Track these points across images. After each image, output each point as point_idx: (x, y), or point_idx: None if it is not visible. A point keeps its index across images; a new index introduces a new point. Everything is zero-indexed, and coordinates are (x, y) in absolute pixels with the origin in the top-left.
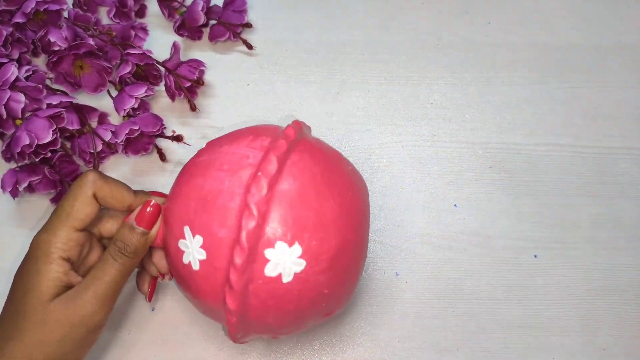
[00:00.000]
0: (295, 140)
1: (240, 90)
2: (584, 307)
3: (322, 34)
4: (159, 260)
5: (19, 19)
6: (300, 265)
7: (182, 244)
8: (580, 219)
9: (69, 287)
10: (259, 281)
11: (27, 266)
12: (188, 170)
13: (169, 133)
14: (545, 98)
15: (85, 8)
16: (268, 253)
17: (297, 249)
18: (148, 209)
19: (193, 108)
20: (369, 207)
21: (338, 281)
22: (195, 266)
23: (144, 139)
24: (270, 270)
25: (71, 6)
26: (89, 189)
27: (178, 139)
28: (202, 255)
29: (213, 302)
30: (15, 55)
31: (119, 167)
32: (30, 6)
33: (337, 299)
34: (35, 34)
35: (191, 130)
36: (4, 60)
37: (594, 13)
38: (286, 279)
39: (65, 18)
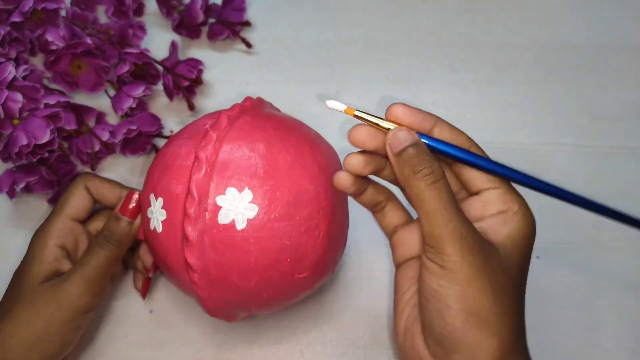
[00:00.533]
0: (250, 107)
1: (239, 90)
2: (586, 308)
3: (322, 33)
4: (144, 254)
5: (16, 18)
6: (252, 210)
7: (149, 212)
8: (583, 220)
9: (61, 274)
10: (214, 230)
11: (26, 255)
12: (160, 150)
13: (167, 133)
14: (547, 97)
15: (83, 7)
16: (219, 200)
17: (248, 194)
18: (132, 200)
19: (191, 107)
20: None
21: (300, 232)
22: (159, 228)
23: (142, 139)
24: (223, 218)
25: (69, 5)
26: (81, 183)
27: None
28: (164, 215)
29: (177, 266)
30: (13, 55)
31: (116, 167)
32: (27, 5)
33: (303, 255)
34: (32, 33)
35: None
36: (2, 59)
37: (597, 12)
38: (240, 225)
39: (63, 17)
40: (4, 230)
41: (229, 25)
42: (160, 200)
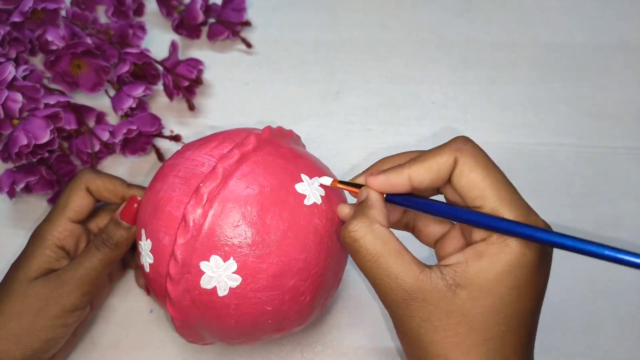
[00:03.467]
0: (253, 150)
1: (239, 90)
2: (586, 309)
3: (322, 33)
4: None
5: (16, 18)
6: (235, 280)
7: (140, 245)
8: (583, 220)
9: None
10: (196, 292)
11: (24, 251)
12: (157, 173)
13: (167, 133)
14: (547, 97)
15: (83, 7)
16: (203, 265)
17: (232, 264)
18: (133, 206)
19: (191, 107)
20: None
21: (283, 300)
22: (147, 269)
23: (142, 139)
24: (205, 283)
25: (69, 5)
26: (82, 183)
27: (176, 138)
28: (151, 259)
29: (162, 305)
30: (13, 55)
31: (116, 167)
32: (27, 5)
33: (287, 317)
34: (32, 33)
35: (189, 130)
36: (2, 59)
37: (597, 12)
38: (221, 292)
39: (63, 17)
40: (4, 230)
41: (229, 25)
42: (149, 242)
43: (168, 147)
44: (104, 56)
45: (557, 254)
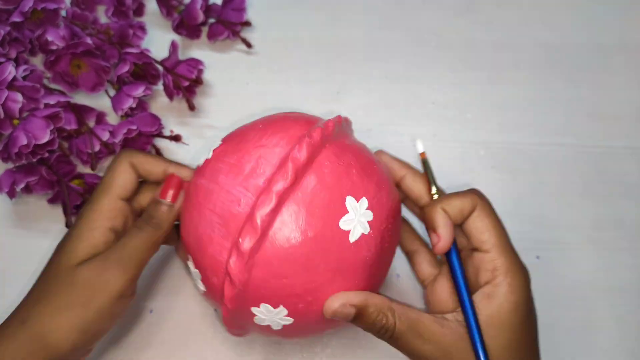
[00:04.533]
0: (290, 186)
1: (239, 90)
2: (586, 308)
3: (322, 33)
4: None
5: (16, 18)
6: (287, 320)
7: (189, 265)
8: (583, 220)
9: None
10: (251, 325)
11: (69, 232)
12: (191, 189)
13: (167, 133)
14: (547, 97)
15: (83, 7)
16: (254, 310)
17: (283, 310)
18: (171, 185)
19: (192, 107)
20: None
21: (329, 326)
22: (200, 290)
23: (142, 139)
24: (259, 321)
25: (69, 5)
26: (125, 159)
27: (176, 138)
28: (203, 287)
29: (214, 303)
30: (13, 55)
31: None
32: (27, 5)
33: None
34: (32, 33)
35: (190, 130)
36: (2, 59)
37: (597, 12)
38: (275, 327)
39: (63, 17)
40: (4, 230)
41: (229, 25)
42: (198, 273)
43: (168, 147)
44: (104, 56)
45: (559, 257)
